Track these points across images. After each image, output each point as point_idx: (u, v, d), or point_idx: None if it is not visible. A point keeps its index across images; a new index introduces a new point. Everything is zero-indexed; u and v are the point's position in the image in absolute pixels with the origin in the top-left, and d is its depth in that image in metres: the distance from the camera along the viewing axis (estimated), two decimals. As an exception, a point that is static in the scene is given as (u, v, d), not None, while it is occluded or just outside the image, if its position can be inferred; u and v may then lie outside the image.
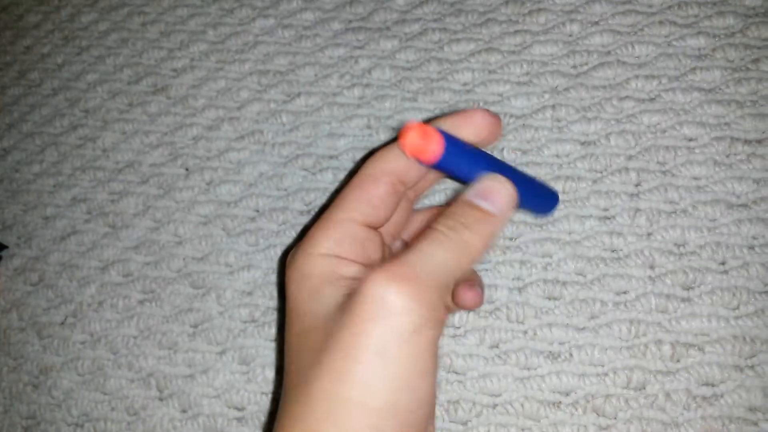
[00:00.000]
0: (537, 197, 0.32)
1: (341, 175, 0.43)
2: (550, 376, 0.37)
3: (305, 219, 0.43)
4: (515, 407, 0.37)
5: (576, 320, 0.37)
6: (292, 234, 0.43)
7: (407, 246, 0.28)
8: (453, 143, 0.26)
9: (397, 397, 0.24)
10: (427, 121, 0.28)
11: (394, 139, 0.33)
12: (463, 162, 0.27)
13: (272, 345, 0.41)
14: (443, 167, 0.27)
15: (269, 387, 0.40)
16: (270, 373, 0.40)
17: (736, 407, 0.34)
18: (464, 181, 0.28)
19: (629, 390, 0.36)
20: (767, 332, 0.35)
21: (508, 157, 0.41)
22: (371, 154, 0.31)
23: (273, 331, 0.41)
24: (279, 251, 0.43)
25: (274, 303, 0.41)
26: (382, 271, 0.24)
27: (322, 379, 0.24)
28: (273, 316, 0.41)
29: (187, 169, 0.46)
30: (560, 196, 0.40)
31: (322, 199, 0.43)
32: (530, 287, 0.38)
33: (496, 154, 0.41)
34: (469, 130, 0.29)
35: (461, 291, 0.33)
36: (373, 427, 0.23)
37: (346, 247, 0.29)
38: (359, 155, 0.44)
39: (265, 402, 0.40)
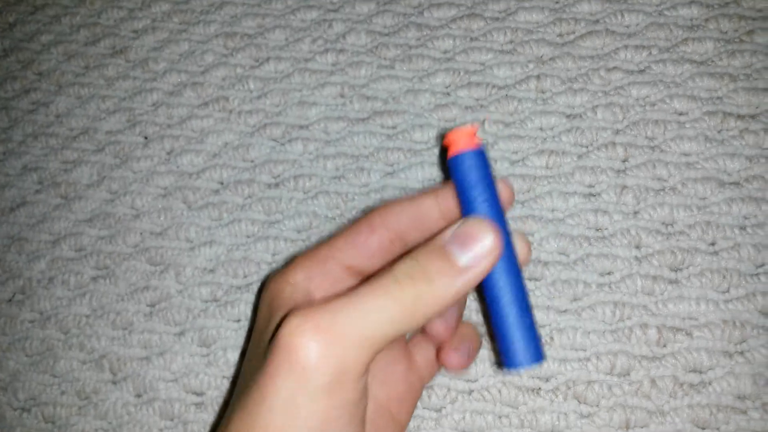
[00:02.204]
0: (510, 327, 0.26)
1: (312, 146, 0.41)
2: (530, 360, 0.35)
3: (273, 192, 0.40)
4: (492, 393, 0.34)
5: (557, 302, 0.35)
6: (259, 208, 0.40)
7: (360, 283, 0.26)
8: (483, 158, 0.27)
9: None
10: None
11: (403, 194, 0.34)
12: (473, 184, 0.26)
13: (235, 326, 0.38)
14: (458, 174, 0.27)
15: (231, 371, 0.37)
16: (232, 356, 0.37)
17: (724, 395, 0.33)
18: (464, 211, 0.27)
19: (613, 376, 0.34)
20: (758, 317, 0.33)
21: (489, 130, 0.39)
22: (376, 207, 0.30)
23: (236, 311, 0.38)
24: (244, 226, 0.40)
25: (237, 281, 0.39)
26: (301, 315, 0.23)
27: (238, 420, 0.23)
28: (236, 296, 0.39)
29: (145, 138, 0.43)
30: (544, 172, 0.37)
31: (291, 171, 0.40)
32: (510, 267, 0.36)
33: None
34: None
35: (445, 352, 0.30)
36: None
37: (317, 282, 0.28)
38: (332, 125, 0.41)
39: (226, 386, 0.37)
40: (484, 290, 0.26)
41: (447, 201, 0.28)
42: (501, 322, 0.25)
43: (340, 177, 0.40)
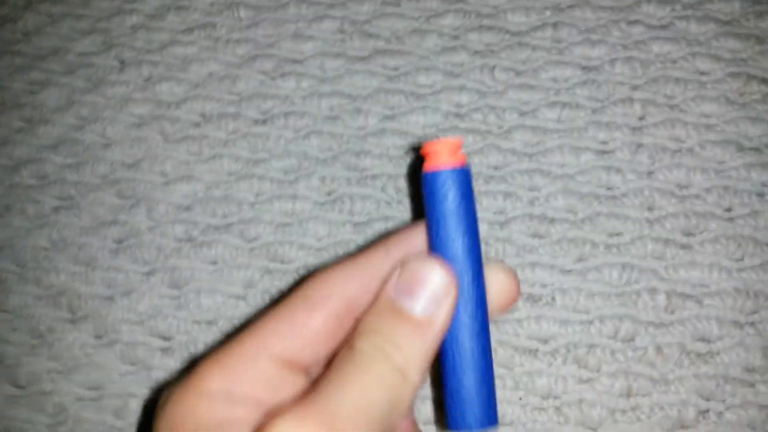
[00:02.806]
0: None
1: (306, 83, 0.38)
2: (529, 320, 0.32)
3: (260, 129, 0.37)
4: (487, 354, 0.32)
5: (562, 261, 0.33)
6: (244, 145, 0.37)
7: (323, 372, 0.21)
8: (467, 180, 0.22)
9: None
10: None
11: (341, 258, 0.25)
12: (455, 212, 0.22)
13: (210, 268, 0.35)
14: (433, 197, 0.22)
15: (203, 315, 0.34)
16: (205, 300, 0.34)
17: (732, 366, 0.31)
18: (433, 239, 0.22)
19: (616, 341, 0.32)
20: (773, 287, 0.32)
21: (499, 77, 0.36)
22: (312, 273, 0.23)
23: (212, 252, 0.35)
24: (226, 163, 0.37)
25: (215, 221, 0.36)
26: (292, 413, 0.18)
27: None
28: (213, 236, 0.35)
29: (122, 62, 0.39)
30: (555, 125, 0.35)
31: (281, 108, 0.37)
32: (513, 222, 0.34)
33: (485, 75, 0.37)
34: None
35: None
36: None
37: (244, 388, 0.21)
38: (329, 62, 0.38)
39: (197, 332, 0.34)
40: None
41: (400, 252, 0.23)
42: (456, 379, 0.22)
43: (334, 117, 0.37)
